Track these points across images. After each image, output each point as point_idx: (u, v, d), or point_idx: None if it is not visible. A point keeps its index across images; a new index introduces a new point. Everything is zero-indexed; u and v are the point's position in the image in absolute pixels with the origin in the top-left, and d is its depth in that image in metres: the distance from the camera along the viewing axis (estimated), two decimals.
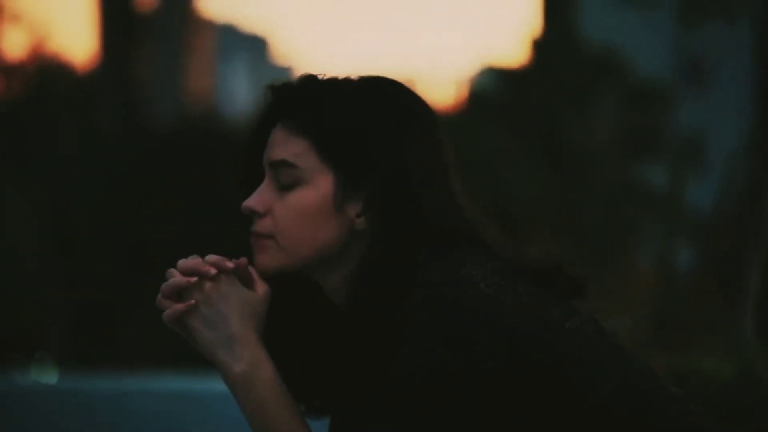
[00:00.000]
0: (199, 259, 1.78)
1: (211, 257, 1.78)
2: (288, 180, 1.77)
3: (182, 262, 1.79)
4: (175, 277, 1.78)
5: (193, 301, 1.77)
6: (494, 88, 22.17)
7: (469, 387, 1.68)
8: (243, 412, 1.78)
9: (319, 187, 1.76)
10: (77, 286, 23.36)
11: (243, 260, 1.76)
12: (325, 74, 1.85)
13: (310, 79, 1.82)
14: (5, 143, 25.37)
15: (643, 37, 24.09)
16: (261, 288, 1.77)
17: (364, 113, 1.77)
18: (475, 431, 1.70)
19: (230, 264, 1.76)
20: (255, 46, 77.27)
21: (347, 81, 1.81)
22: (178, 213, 24.69)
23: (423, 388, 1.68)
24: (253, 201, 1.78)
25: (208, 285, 1.77)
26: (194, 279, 1.77)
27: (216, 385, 9.30)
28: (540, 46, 21.99)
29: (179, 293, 1.78)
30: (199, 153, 26.34)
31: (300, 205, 1.76)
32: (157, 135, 29.44)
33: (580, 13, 25.39)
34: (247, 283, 1.77)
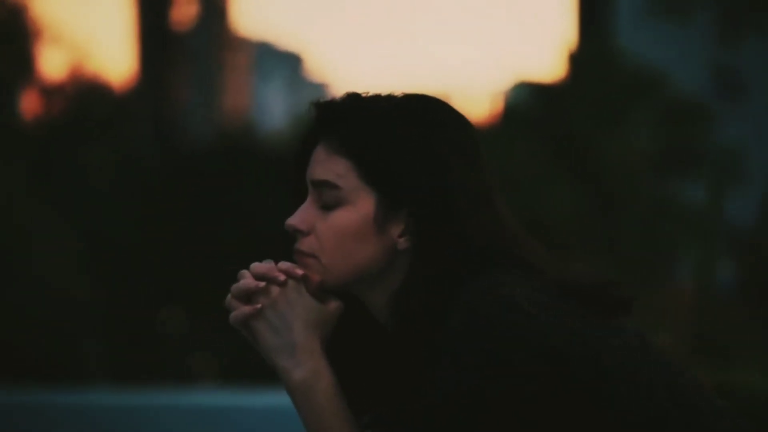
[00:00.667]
0: (272, 264, 1.80)
1: (283, 264, 1.80)
2: (330, 199, 1.78)
3: (254, 266, 1.80)
4: (246, 280, 1.79)
5: (259, 305, 1.79)
6: (528, 103, 22.14)
7: (510, 409, 1.67)
8: (301, 419, 1.80)
9: (360, 208, 1.77)
10: (113, 305, 23.46)
11: (315, 277, 1.78)
12: (368, 92, 1.84)
13: (352, 97, 1.82)
14: (44, 163, 25.56)
15: (680, 53, 23.99)
16: (333, 302, 1.79)
17: (406, 133, 1.77)
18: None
19: (300, 272, 1.78)
20: (291, 63, 77.54)
21: (390, 99, 1.81)
22: (214, 231, 24.77)
23: (460, 411, 1.68)
24: (297, 219, 1.79)
25: (275, 290, 1.78)
26: (263, 284, 1.78)
27: (249, 400, 9.33)
28: (575, 60, 21.94)
29: (248, 296, 1.79)
30: (236, 171, 26.42)
31: (341, 226, 1.77)
32: (193, 153, 29.58)
33: (616, 28, 25.33)
34: (319, 295, 1.79)
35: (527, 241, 1.79)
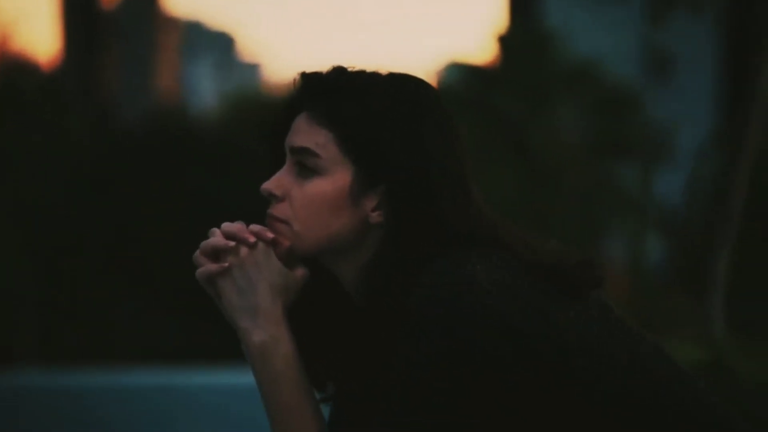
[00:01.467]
0: (242, 225, 1.82)
1: (255, 226, 1.82)
2: (308, 167, 1.80)
3: (225, 225, 1.82)
4: (216, 238, 1.81)
5: (226, 264, 1.80)
6: (460, 86, 22.16)
7: (470, 388, 1.70)
8: (257, 383, 1.81)
9: (337, 179, 1.79)
10: (50, 286, 23.23)
11: (285, 242, 1.80)
12: (354, 67, 1.86)
13: (339, 71, 1.84)
14: None
15: (609, 33, 24.18)
16: (300, 270, 1.81)
17: (390, 111, 1.79)
18: (478, 429, 1.73)
19: (270, 235, 1.80)
20: (221, 43, 76.87)
21: (375, 76, 1.83)
22: (149, 210, 24.60)
23: (419, 387, 1.70)
24: (272, 184, 1.81)
25: (244, 251, 1.80)
26: (232, 243, 1.80)
27: (199, 379, 9.34)
28: (506, 43, 22.01)
29: (216, 254, 1.81)
30: (168, 151, 26.23)
31: (317, 195, 1.79)
32: (124, 133, 29.30)
33: (546, 9, 25.46)
34: (287, 262, 1.81)
35: (500, 222, 1.82)
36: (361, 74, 1.84)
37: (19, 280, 22.55)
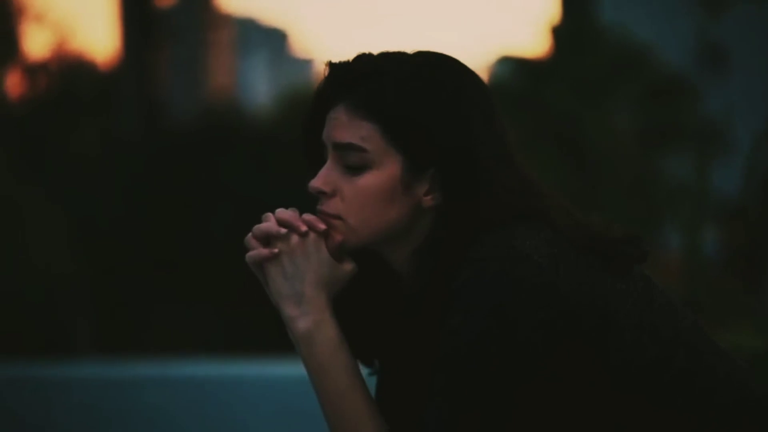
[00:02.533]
0: (296, 213, 1.82)
1: (308, 216, 1.82)
2: (355, 162, 1.79)
3: (280, 212, 1.83)
4: (269, 223, 1.81)
5: (276, 250, 1.80)
6: (512, 79, 22.13)
7: (521, 357, 1.70)
8: (306, 369, 1.82)
9: (387, 170, 1.78)
10: (102, 283, 23.50)
11: (338, 237, 1.80)
12: (378, 52, 1.84)
13: (368, 58, 1.81)
14: (27, 144, 25.51)
15: (665, 24, 24.01)
16: (348, 264, 1.82)
17: (429, 93, 1.78)
18: (525, 401, 1.73)
19: (322, 226, 1.81)
20: (274, 39, 77.26)
21: (405, 58, 1.81)
22: (203, 208, 24.79)
23: (470, 361, 1.70)
24: (320, 182, 1.81)
25: (295, 239, 1.80)
26: (284, 230, 1.79)
27: (237, 370, 9.37)
28: (558, 36, 21.94)
29: (268, 239, 1.81)
30: (221, 149, 26.40)
31: (370, 188, 1.79)
32: (178, 132, 29.54)
33: (600, 1, 25.33)
34: (337, 255, 1.81)
35: (548, 194, 1.82)
36: (390, 58, 1.81)
37: (73, 275, 22.82)
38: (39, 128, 25.88)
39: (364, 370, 1.86)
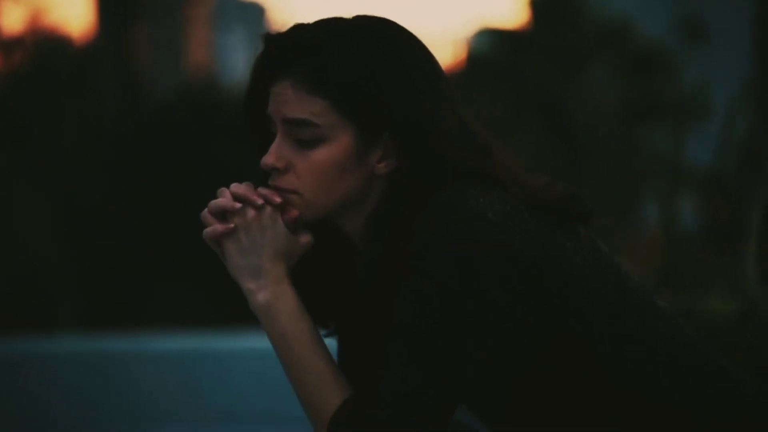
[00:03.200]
0: (251, 187, 1.85)
1: (263, 189, 1.86)
2: (307, 137, 1.82)
3: (234, 186, 1.87)
4: (224, 198, 1.86)
5: (232, 225, 1.84)
6: (491, 51, 22.07)
7: (480, 314, 1.74)
8: (269, 339, 1.85)
9: (340, 142, 1.81)
10: (84, 256, 23.45)
11: (294, 212, 1.83)
12: (315, 21, 1.84)
13: (309, 31, 1.83)
14: (2, 121, 25.38)
15: None
16: (305, 236, 1.85)
17: (374, 61, 1.80)
18: (486, 359, 1.77)
19: (278, 199, 1.84)
20: (252, 14, 76.93)
21: (345, 28, 1.82)
22: (181, 183, 24.74)
23: (434, 319, 1.73)
24: (273, 158, 1.84)
25: (251, 213, 1.84)
26: (239, 205, 1.83)
27: (231, 344, 9.41)
28: (537, 7, 21.90)
29: (224, 214, 1.85)
30: (200, 124, 26.32)
31: (324, 162, 1.82)
32: (157, 107, 29.44)
33: None
34: (292, 228, 1.84)
35: (496, 151, 1.85)
36: (329, 27, 1.81)
37: (55, 251, 22.76)
38: (16, 106, 25.73)
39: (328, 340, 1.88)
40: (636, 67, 19.90)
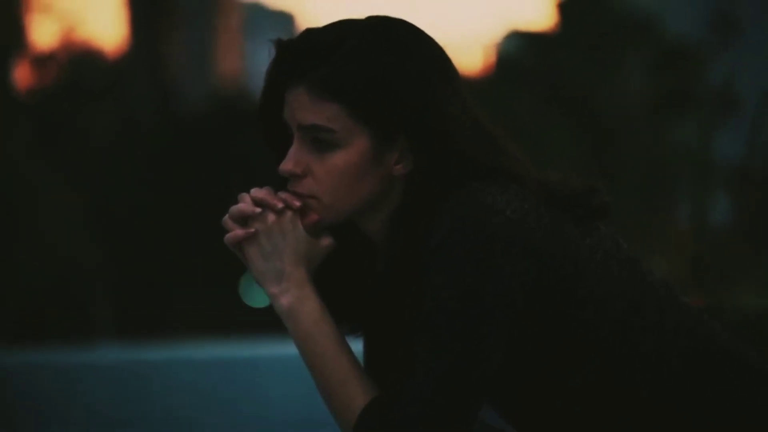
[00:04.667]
0: (271, 191, 1.84)
1: (283, 193, 1.83)
2: (324, 142, 1.79)
3: (254, 191, 1.85)
4: (244, 204, 1.84)
5: (253, 230, 1.83)
6: (521, 53, 22.02)
7: (499, 313, 1.74)
8: (293, 340, 1.86)
9: (356, 146, 1.79)
10: (118, 269, 23.56)
11: (314, 216, 1.82)
12: (326, 25, 1.82)
13: (322, 36, 1.80)
14: (39, 132, 25.55)
15: None
16: (326, 239, 1.84)
17: (388, 65, 1.78)
18: (504, 348, 1.77)
19: (298, 203, 1.82)
20: (282, 23, 77.14)
21: (358, 31, 1.80)
22: (213, 191, 24.84)
23: (455, 315, 1.73)
24: (291, 164, 1.81)
25: (271, 217, 1.83)
26: (259, 210, 1.83)
27: (264, 351, 9.44)
28: (565, 7, 21.84)
29: (244, 219, 1.85)
30: (232, 133, 26.42)
31: (341, 167, 1.80)
32: (188, 117, 29.57)
33: None
34: (313, 232, 1.83)
35: (510, 148, 1.85)
36: (342, 31, 1.80)
37: (92, 260, 22.90)
38: (53, 117, 25.92)
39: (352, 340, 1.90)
40: (666, 62, 19.82)
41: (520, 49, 22.04)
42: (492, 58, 25.74)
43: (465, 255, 1.74)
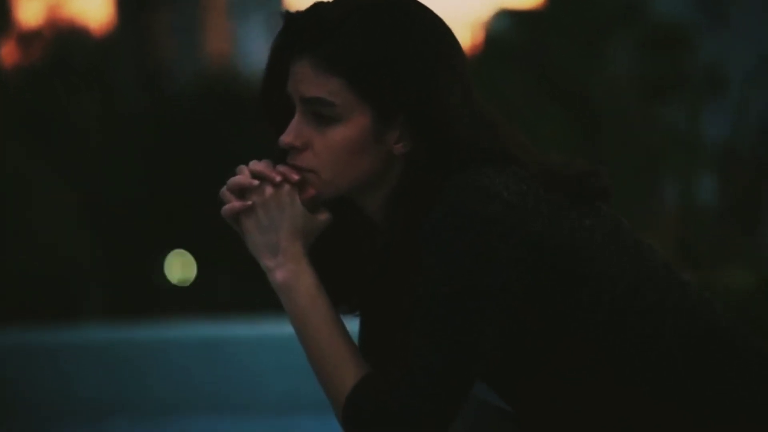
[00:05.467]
0: (269, 164, 1.84)
1: (281, 167, 1.83)
2: (325, 116, 1.79)
3: (253, 164, 1.85)
4: (242, 176, 1.84)
5: (250, 203, 1.83)
6: (509, 32, 21.99)
7: (496, 296, 1.73)
8: (288, 314, 1.86)
9: (358, 122, 1.79)
10: (107, 250, 23.53)
11: (312, 190, 1.82)
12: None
13: (328, 9, 1.80)
14: (25, 112, 25.44)
15: None
16: (323, 214, 1.84)
17: (393, 43, 1.78)
18: (503, 338, 1.76)
19: (296, 177, 1.82)
20: (270, 3, 76.83)
21: (364, 5, 1.79)
22: (206, 174, 24.81)
23: (448, 297, 1.73)
24: (291, 136, 1.81)
25: (269, 190, 1.82)
26: (257, 182, 1.83)
27: (252, 331, 9.45)
28: None
29: (242, 191, 1.84)
30: (220, 113, 26.36)
31: (342, 141, 1.79)
32: (176, 97, 29.48)
33: None
34: (310, 207, 1.83)
35: (509, 131, 1.84)
36: (348, 5, 1.79)
37: (78, 241, 22.87)
38: (37, 96, 25.81)
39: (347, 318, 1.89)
40: (654, 44, 19.83)
41: (509, 29, 22.01)
42: (480, 37, 25.70)
43: (461, 237, 1.73)
